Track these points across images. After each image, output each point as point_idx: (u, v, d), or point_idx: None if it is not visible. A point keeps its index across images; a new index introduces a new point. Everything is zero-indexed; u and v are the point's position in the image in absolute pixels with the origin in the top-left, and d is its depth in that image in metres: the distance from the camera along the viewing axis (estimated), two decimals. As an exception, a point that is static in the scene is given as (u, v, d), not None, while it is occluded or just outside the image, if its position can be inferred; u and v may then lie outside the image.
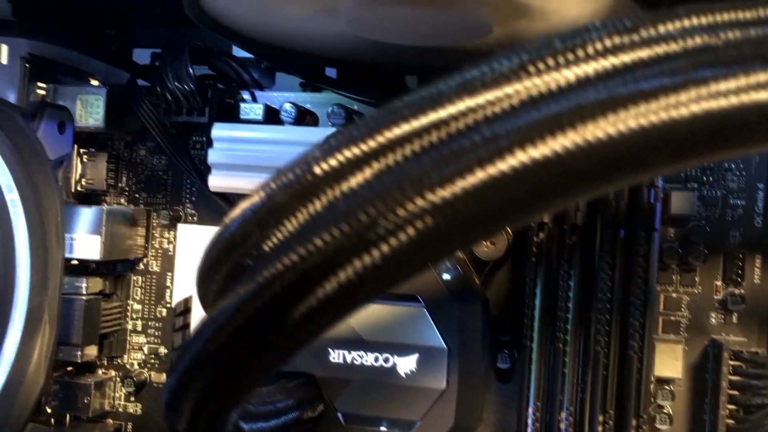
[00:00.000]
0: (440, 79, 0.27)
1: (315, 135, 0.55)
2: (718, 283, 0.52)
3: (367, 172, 0.26)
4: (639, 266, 0.45)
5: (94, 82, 0.66)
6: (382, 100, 0.59)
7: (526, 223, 0.46)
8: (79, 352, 0.59)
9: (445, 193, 0.22)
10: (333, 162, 0.27)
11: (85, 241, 0.58)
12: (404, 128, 0.26)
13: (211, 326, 0.26)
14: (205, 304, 0.35)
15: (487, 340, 0.50)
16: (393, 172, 0.24)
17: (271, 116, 0.60)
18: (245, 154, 0.56)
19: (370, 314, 0.49)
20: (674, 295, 0.52)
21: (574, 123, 0.22)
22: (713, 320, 0.52)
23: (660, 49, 0.25)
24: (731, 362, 0.49)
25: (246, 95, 0.62)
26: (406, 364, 0.49)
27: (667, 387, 0.51)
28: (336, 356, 0.51)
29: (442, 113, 0.25)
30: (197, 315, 0.58)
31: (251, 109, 0.60)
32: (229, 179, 0.56)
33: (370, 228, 0.23)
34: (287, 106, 0.59)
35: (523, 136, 0.22)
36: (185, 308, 0.58)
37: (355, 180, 0.26)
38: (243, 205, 0.30)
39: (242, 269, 0.30)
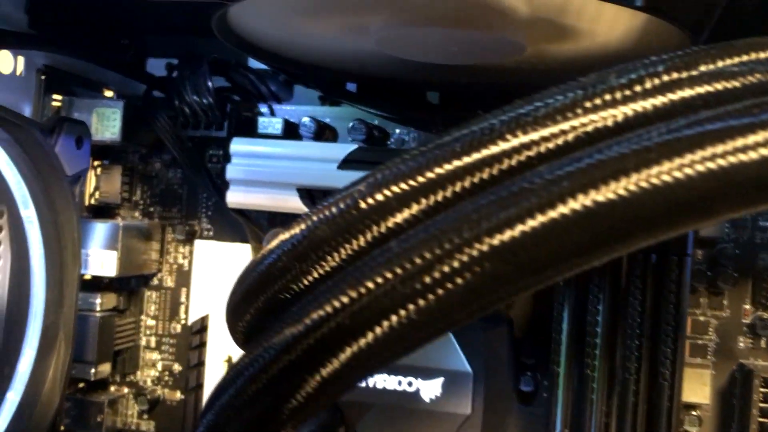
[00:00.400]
0: (492, 113, 0.26)
1: (335, 151, 0.54)
2: (747, 306, 0.51)
3: (415, 209, 0.25)
4: (670, 291, 0.45)
5: (108, 93, 0.65)
6: (403, 115, 0.59)
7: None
8: (93, 370, 0.58)
9: (503, 237, 0.22)
10: (379, 197, 0.26)
11: (100, 257, 0.57)
12: (456, 164, 0.25)
13: (255, 366, 0.25)
14: (236, 334, 0.34)
15: (512, 363, 0.49)
16: (446, 212, 0.23)
17: (290, 131, 0.59)
18: (264, 170, 0.55)
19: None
20: (702, 318, 0.51)
21: (639, 166, 0.21)
22: (741, 344, 0.51)
23: (721, 86, 0.24)
24: (762, 389, 0.48)
25: (264, 108, 0.62)
26: (431, 389, 0.48)
27: (694, 412, 0.50)
28: (357, 378, 0.50)
29: (495, 149, 0.25)
30: (214, 334, 0.57)
31: (270, 123, 0.59)
32: (248, 195, 0.56)
33: (425, 271, 0.22)
34: (306, 120, 0.58)
35: (585, 178, 0.22)
36: (202, 326, 0.57)
37: (403, 217, 0.25)
38: (282, 237, 0.29)
39: (279, 303, 0.29)
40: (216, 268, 0.58)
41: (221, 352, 0.57)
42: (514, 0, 0.36)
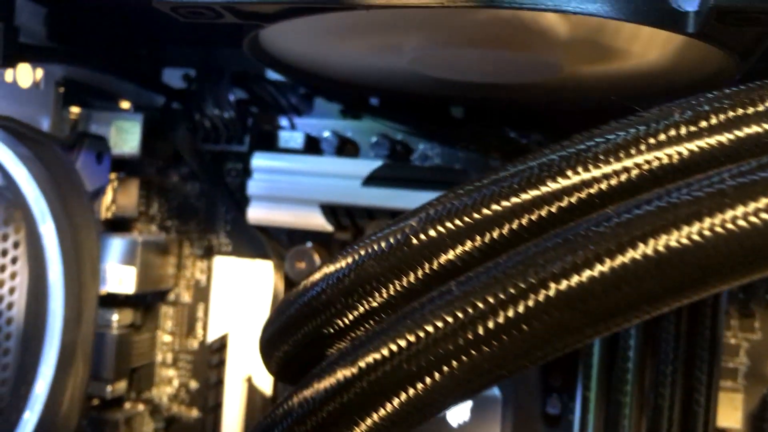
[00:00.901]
0: (549, 147, 0.25)
1: (359, 167, 0.53)
2: (779, 329, 0.50)
3: (469, 246, 0.24)
4: (706, 316, 0.44)
5: (125, 104, 0.64)
6: (427, 130, 0.58)
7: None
8: (110, 388, 0.57)
9: (571, 283, 0.21)
10: (432, 233, 0.25)
11: (118, 273, 0.56)
12: (513, 201, 0.24)
13: (305, 407, 0.24)
14: (271, 363, 0.33)
15: (540, 386, 0.48)
16: (508, 253, 0.23)
17: (312, 145, 0.58)
18: (287, 186, 0.54)
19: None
20: (733, 341, 0.50)
21: (713, 210, 0.20)
22: (773, 368, 0.50)
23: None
24: (796, 415, 0.47)
25: (284, 121, 0.61)
26: (459, 414, 0.47)
27: (725, 437, 0.49)
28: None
29: (554, 186, 0.24)
30: (234, 352, 0.56)
31: (291, 137, 0.58)
32: (270, 211, 0.55)
33: (487, 317, 0.21)
34: (328, 134, 0.57)
35: (657, 222, 0.21)
36: (221, 345, 0.56)
37: (456, 254, 0.25)
38: (326, 270, 0.28)
39: (321, 337, 0.28)
40: (236, 285, 0.57)
41: (241, 371, 0.56)
42: (553, 21, 0.35)
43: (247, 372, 0.56)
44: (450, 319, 0.22)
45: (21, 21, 0.50)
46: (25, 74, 0.53)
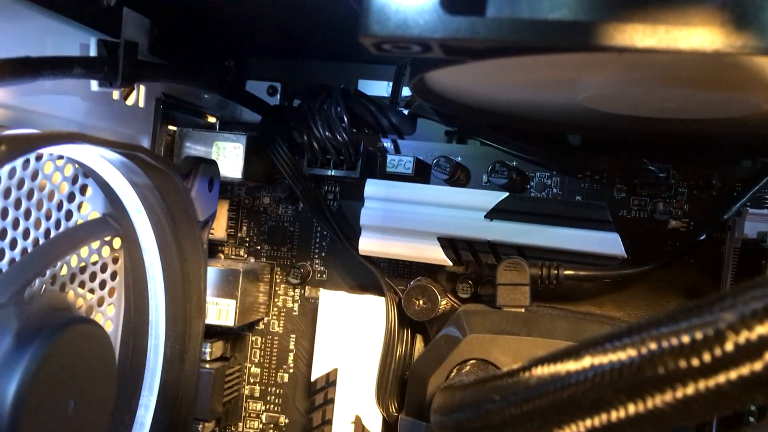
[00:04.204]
0: None
1: (482, 198, 0.49)
2: None
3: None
4: None
5: (211, 119, 0.60)
6: (544, 157, 0.54)
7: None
8: (201, 426, 0.53)
9: None
10: (756, 334, 0.21)
11: (218, 306, 0.52)
12: None
13: None
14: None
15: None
16: None
17: (421, 169, 0.54)
18: (402, 216, 0.50)
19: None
20: None
21: None
22: None
23: None
24: None
25: (387, 143, 0.57)
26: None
27: None
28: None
29: None
30: (342, 390, 0.53)
31: (399, 162, 0.54)
32: (383, 243, 0.51)
33: None
34: (441, 160, 0.53)
35: None
36: (328, 382, 0.53)
37: None
38: (592, 360, 0.25)
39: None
40: (343, 320, 0.53)
41: (349, 412, 0.52)
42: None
43: (355, 412, 0.52)
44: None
45: (127, 33, 0.46)
46: (130, 91, 0.48)
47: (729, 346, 0.22)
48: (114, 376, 0.43)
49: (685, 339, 0.23)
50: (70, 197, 0.44)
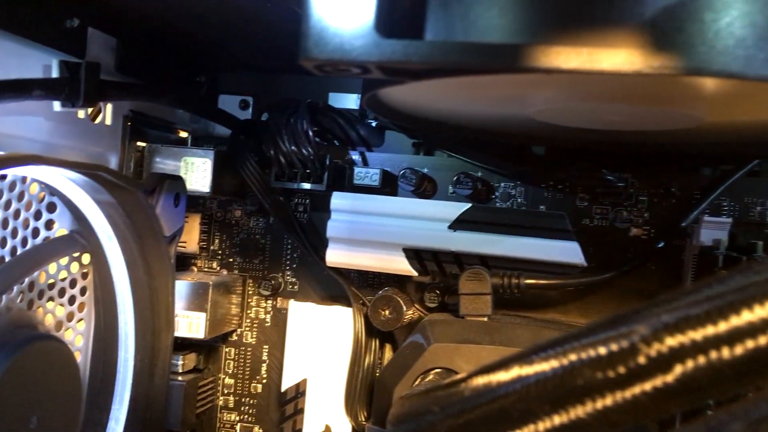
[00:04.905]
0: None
1: (446, 209, 0.50)
2: None
3: (714, 358, 0.22)
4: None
5: (183, 134, 0.61)
6: (510, 168, 0.55)
7: None
8: (174, 437, 0.54)
9: None
10: (671, 342, 0.22)
11: (188, 319, 0.53)
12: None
13: None
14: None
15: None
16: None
17: (388, 182, 0.55)
18: (368, 228, 0.51)
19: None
20: None
21: None
22: None
23: None
24: None
25: (355, 155, 0.58)
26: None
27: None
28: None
29: None
30: (312, 400, 0.53)
31: (366, 174, 0.55)
32: (350, 254, 0.52)
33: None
34: (407, 172, 0.54)
35: None
36: (298, 392, 0.53)
37: (695, 368, 0.22)
38: (519, 371, 0.25)
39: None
40: (312, 331, 0.54)
41: (319, 422, 0.53)
42: (717, 81, 0.32)
43: (325, 422, 0.53)
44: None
45: (92, 53, 0.47)
46: (93, 109, 0.49)
47: (641, 359, 0.23)
48: (79, 392, 0.43)
49: (602, 351, 0.24)
50: (37, 215, 0.45)
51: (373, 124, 0.58)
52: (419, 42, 0.29)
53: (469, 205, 0.50)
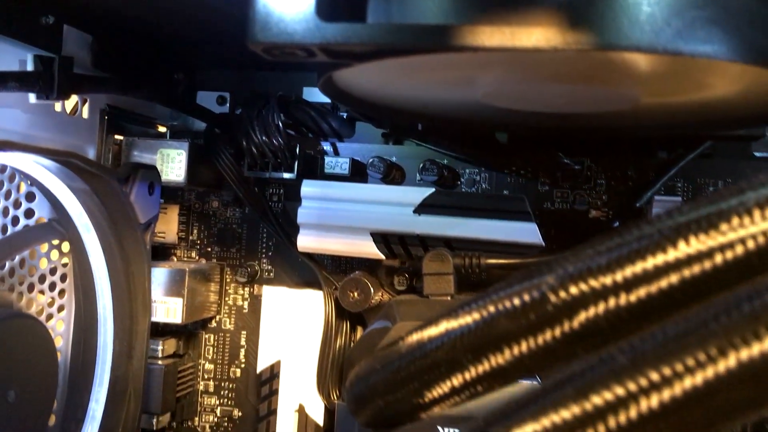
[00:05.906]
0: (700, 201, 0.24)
1: (411, 194, 0.52)
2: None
3: (613, 304, 0.24)
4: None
5: (162, 128, 0.63)
6: (474, 155, 0.57)
7: None
8: (155, 420, 0.56)
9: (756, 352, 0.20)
10: (574, 290, 0.24)
11: (165, 304, 0.55)
12: (672, 256, 0.23)
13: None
14: (362, 416, 0.32)
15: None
16: (676, 319, 0.22)
17: (358, 170, 0.57)
18: (337, 214, 0.53)
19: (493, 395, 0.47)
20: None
21: None
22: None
23: None
24: None
25: (327, 146, 0.60)
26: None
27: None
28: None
29: (721, 239, 0.23)
30: (286, 381, 0.55)
31: (336, 163, 0.57)
32: (320, 240, 0.54)
33: (661, 389, 0.21)
34: (375, 160, 0.56)
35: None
36: (272, 374, 0.55)
37: (598, 314, 0.24)
38: (446, 326, 0.27)
39: (438, 394, 0.28)
40: (286, 315, 0.56)
41: (293, 401, 0.55)
42: (645, 58, 0.34)
43: (298, 401, 0.55)
44: (620, 391, 0.21)
45: (68, 49, 0.49)
46: (72, 103, 0.51)
47: (549, 307, 0.25)
48: (56, 369, 0.45)
49: (516, 301, 0.25)
50: (16, 204, 0.47)
51: (345, 116, 0.60)
52: (358, 24, 0.31)
53: (433, 189, 0.52)
